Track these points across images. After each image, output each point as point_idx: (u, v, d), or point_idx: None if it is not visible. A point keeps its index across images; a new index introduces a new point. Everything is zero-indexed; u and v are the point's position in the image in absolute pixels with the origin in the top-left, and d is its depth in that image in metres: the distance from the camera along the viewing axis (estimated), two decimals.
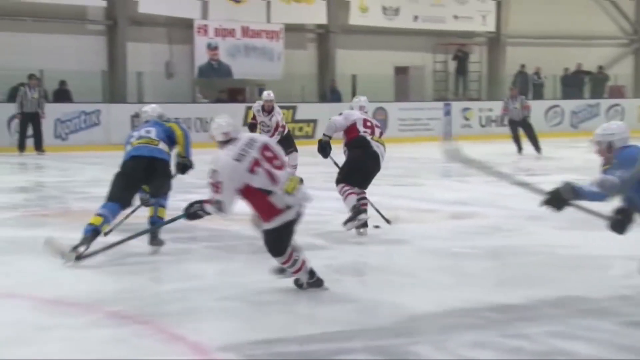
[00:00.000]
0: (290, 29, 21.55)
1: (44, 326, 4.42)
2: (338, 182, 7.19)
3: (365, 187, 7.27)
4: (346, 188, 7.09)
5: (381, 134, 7.42)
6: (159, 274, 5.73)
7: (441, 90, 24.14)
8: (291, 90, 20.27)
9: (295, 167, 10.25)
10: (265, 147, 4.86)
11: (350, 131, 7.28)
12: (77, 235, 6.01)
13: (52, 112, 17.35)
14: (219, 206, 4.79)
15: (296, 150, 10.70)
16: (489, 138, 19.79)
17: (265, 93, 10.55)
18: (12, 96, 16.87)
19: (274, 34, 21.28)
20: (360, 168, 7.19)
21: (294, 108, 20.12)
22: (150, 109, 7.37)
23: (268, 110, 10.39)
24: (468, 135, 20.89)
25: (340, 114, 7.50)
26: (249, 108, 20.01)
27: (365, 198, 7.24)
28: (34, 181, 12.00)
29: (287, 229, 4.85)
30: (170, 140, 6.69)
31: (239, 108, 19.95)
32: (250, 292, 5.14)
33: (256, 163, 4.76)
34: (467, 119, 22.32)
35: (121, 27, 19.65)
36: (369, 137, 7.22)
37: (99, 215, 6.07)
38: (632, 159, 4.58)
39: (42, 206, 8.93)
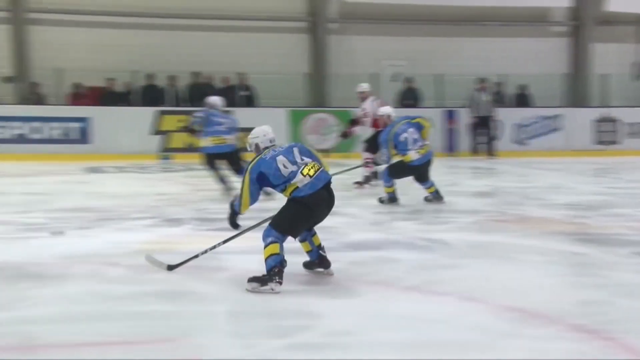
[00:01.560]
0: None
1: (504, 333, 4.29)
2: None
3: None
4: None
5: None
6: (625, 288, 5.23)
7: None
8: None
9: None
10: None
11: None
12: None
13: (512, 116, 17.55)
14: None
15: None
16: None
17: (359, 86, 11.45)
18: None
19: None
20: None
21: None
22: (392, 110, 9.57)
23: (362, 100, 11.33)
24: None
25: None
26: None
27: None
28: (492, 186, 12.09)
29: None
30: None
31: None
32: None
33: None
34: None
35: (587, 28, 19.10)
36: None
37: None
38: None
39: (501, 212, 8.88)
